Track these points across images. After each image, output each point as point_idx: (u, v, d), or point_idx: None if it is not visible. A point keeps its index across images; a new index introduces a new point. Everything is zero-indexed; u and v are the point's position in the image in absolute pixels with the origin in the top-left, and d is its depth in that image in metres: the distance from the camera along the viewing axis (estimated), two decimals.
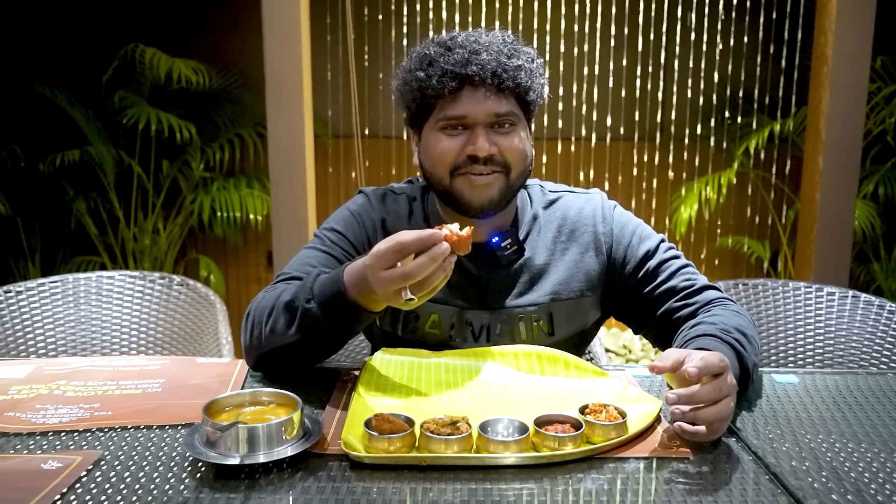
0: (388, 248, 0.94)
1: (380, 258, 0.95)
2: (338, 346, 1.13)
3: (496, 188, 1.18)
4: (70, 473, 0.83)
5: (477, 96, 1.16)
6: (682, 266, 1.28)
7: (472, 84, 1.16)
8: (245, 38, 3.65)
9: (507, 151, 1.18)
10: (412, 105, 1.22)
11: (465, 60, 1.15)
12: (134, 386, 1.13)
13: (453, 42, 1.18)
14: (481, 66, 1.15)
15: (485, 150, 1.15)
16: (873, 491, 0.83)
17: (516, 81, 1.17)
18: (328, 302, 1.03)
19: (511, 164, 1.19)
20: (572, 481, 0.85)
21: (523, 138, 1.21)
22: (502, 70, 1.15)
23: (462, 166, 1.18)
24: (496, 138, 1.18)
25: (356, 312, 1.03)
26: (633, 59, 3.84)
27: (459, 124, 1.18)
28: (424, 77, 1.17)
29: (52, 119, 3.50)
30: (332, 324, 1.04)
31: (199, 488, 0.81)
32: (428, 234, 0.93)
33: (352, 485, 0.83)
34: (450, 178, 1.19)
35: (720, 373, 0.91)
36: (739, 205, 4.00)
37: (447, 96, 1.17)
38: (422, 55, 1.20)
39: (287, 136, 2.76)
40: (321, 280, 1.06)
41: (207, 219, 3.62)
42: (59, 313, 1.71)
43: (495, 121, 1.17)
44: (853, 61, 2.74)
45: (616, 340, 3.63)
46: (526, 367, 1.16)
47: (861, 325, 1.67)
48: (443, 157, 1.18)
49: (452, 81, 1.15)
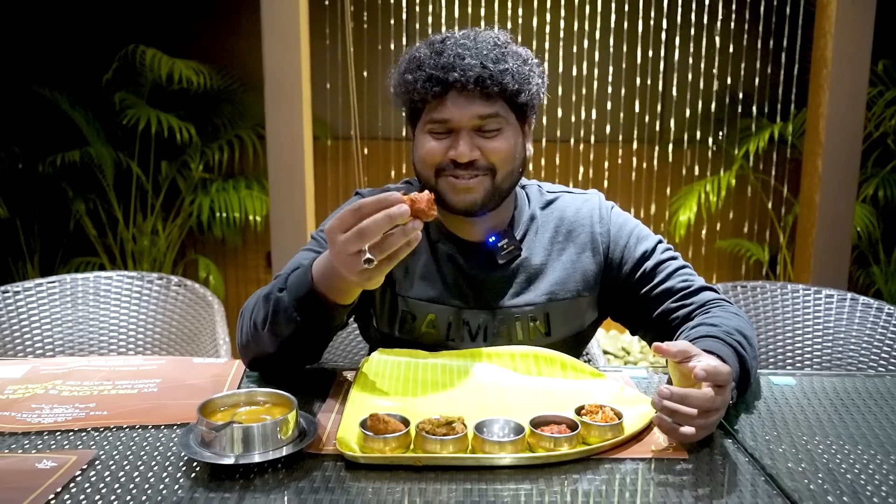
0: (348, 211, 0.93)
1: (339, 220, 0.93)
2: (318, 341, 1.13)
3: (480, 191, 1.18)
4: (64, 473, 0.83)
5: (461, 100, 1.16)
6: (680, 267, 1.28)
7: (457, 89, 1.16)
8: (245, 39, 3.65)
9: (490, 154, 1.17)
10: (405, 106, 1.24)
11: (450, 65, 1.15)
12: (130, 386, 1.12)
13: (443, 45, 1.18)
14: (464, 72, 1.14)
15: (465, 156, 1.15)
16: (869, 493, 0.82)
17: (502, 86, 1.16)
18: (298, 294, 1.04)
19: (496, 166, 1.18)
20: (568, 482, 0.84)
21: (511, 140, 1.19)
22: (487, 76, 1.14)
23: (446, 168, 1.18)
24: (480, 142, 1.17)
25: (324, 304, 1.04)
26: (632, 61, 3.84)
27: (444, 128, 1.18)
28: (412, 80, 1.18)
29: (52, 120, 3.50)
30: (302, 316, 1.04)
31: (194, 488, 0.81)
32: (384, 196, 0.92)
33: (347, 485, 0.83)
34: (435, 179, 1.20)
35: (722, 385, 0.91)
36: (739, 207, 4.00)
37: (432, 100, 1.17)
38: (412, 57, 1.20)
39: (286, 138, 2.76)
40: (295, 273, 1.08)
41: (206, 220, 3.62)
42: (56, 313, 1.71)
43: (480, 124, 1.17)
44: (853, 64, 2.74)
45: (615, 343, 3.63)
46: (522, 368, 1.16)
47: (859, 328, 1.67)
48: (427, 159, 1.19)
49: (436, 87, 1.15)
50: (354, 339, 1.78)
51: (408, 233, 0.93)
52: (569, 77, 3.83)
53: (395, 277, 1.27)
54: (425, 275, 1.27)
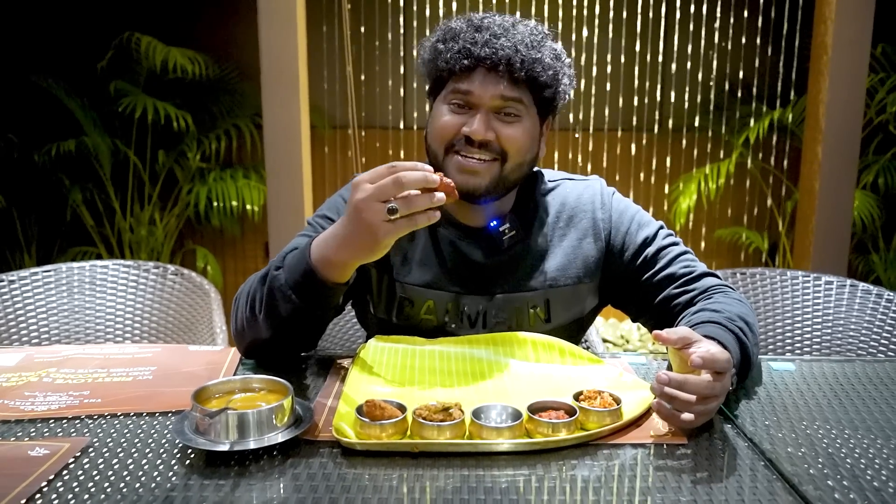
0: (381, 167, 0.96)
1: (372, 172, 0.96)
2: (314, 324, 1.12)
3: (487, 176, 1.17)
4: (57, 460, 0.82)
5: (487, 78, 1.14)
6: (681, 253, 1.27)
7: (485, 66, 1.14)
8: (241, 27, 3.63)
9: (505, 140, 1.16)
10: (430, 74, 1.22)
11: (483, 41, 1.14)
12: (125, 374, 1.11)
13: (482, 22, 1.18)
14: (495, 51, 1.13)
15: (480, 134, 1.14)
16: (869, 477, 0.82)
17: (531, 74, 1.15)
18: (295, 273, 1.04)
19: (508, 153, 1.17)
20: (566, 468, 0.84)
21: (528, 131, 1.18)
22: (519, 59, 1.13)
23: (457, 144, 1.17)
24: (497, 125, 1.16)
25: (321, 283, 1.03)
26: (632, 49, 3.82)
27: (465, 102, 1.16)
28: (443, 49, 1.17)
29: (49, 109, 3.48)
30: (299, 295, 1.04)
31: (189, 475, 0.81)
32: (421, 164, 0.96)
33: (343, 471, 0.82)
34: (444, 155, 1.18)
35: (721, 372, 0.91)
36: (738, 195, 3.99)
37: (459, 72, 1.16)
38: (448, 28, 1.20)
39: (284, 127, 2.75)
40: (293, 253, 1.07)
41: (204, 210, 3.61)
42: (52, 302, 1.70)
43: (501, 105, 1.15)
44: (853, 50, 2.72)
45: (614, 331, 3.63)
46: (521, 354, 1.15)
47: (858, 314, 1.66)
48: (441, 131, 1.18)
49: (465, 59, 1.14)
50: (352, 326, 1.78)
51: (433, 199, 0.94)
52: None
53: (393, 263, 1.26)
54: (424, 260, 1.25)
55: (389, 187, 0.93)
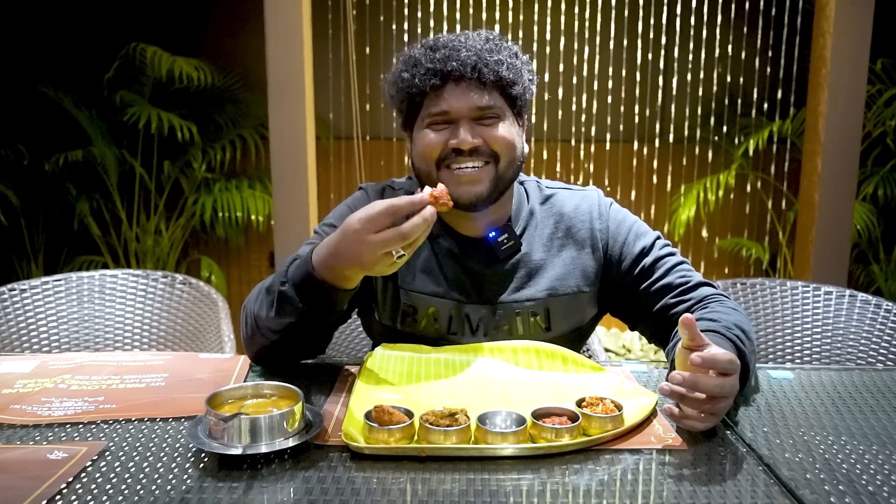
0: (382, 211, 0.99)
1: (371, 222, 0.99)
2: (320, 329, 1.15)
3: (486, 181, 1.20)
4: (76, 463, 0.85)
5: (459, 91, 1.19)
6: (678, 263, 1.29)
7: (454, 80, 1.19)
8: (247, 38, 3.67)
9: (492, 141, 1.20)
10: (402, 106, 1.26)
11: (446, 57, 1.19)
12: (138, 380, 1.14)
13: (436, 42, 1.22)
14: (461, 62, 1.18)
15: (468, 143, 1.18)
16: (864, 482, 0.84)
17: (498, 75, 1.19)
18: (300, 282, 1.07)
19: (499, 153, 1.21)
20: (569, 472, 0.86)
21: (510, 129, 1.22)
22: (483, 64, 1.18)
23: (447, 158, 1.20)
24: (480, 130, 1.20)
25: (326, 289, 1.07)
26: (632, 60, 3.86)
27: (444, 120, 1.20)
28: (409, 77, 1.21)
29: (56, 119, 3.52)
30: (304, 301, 1.08)
31: (202, 478, 0.83)
32: (418, 198, 1.01)
33: (352, 475, 0.84)
34: (437, 172, 1.21)
35: (727, 373, 0.93)
36: (738, 206, 4.01)
37: (431, 93, 1.20)
38: (407, 57, 1.24)
39: (289, 137, 2.78)
40: (297, 262, 1.11)
41: (209, 220, 3.64)
42: (62, 311, 1.73)
43: (479, 114, 1.20)
44: (852, 63, 2.75)
45: (616, 340, 3.65)
46: (524, 362, 1.18)
47: (858, 324, 1.68)
48: (428, 151, 1.21)
49: (435, 78, 1.19)
50: (358, 335, 1.80)
51: (428, 223, 1.00)
52: (569, 77, 3.85)
53: (398, 271, 1.28)
54: (426, 269, 1.28)
55: (397, 241, 0.99)
